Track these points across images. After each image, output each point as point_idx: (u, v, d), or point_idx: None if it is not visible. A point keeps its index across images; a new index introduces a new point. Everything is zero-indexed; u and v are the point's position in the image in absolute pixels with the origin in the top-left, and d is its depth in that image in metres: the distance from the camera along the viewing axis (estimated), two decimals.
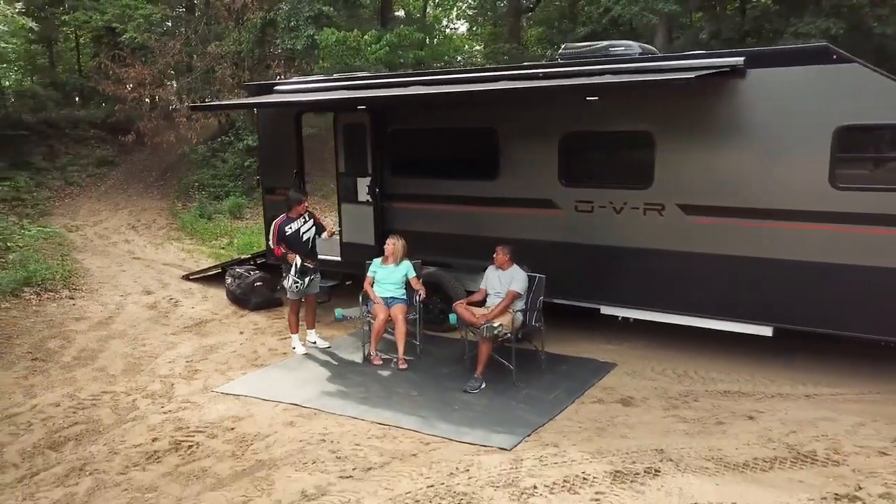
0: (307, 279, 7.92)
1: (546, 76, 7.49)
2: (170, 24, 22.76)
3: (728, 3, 27.81)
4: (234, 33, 18.73)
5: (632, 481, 4.84)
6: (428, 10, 45.85)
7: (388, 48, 17.29)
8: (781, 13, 24.20)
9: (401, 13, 42.68)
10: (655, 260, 7.29)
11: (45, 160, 21.90)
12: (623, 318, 7.72)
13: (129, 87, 18.53)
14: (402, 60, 18.93)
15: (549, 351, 7.65)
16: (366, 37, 16.97)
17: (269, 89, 9.86)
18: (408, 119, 8.82)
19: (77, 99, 27.92)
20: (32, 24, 10.71)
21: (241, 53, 18.59)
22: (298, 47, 17.81)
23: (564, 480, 4.87)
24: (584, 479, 4.88)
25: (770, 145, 6.60)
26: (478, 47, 42.66)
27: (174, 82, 21.87)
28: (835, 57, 6.23)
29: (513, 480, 4.90)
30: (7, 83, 26.31)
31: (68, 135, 23.76)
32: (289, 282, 7.88)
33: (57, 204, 19.38)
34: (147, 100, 20.91)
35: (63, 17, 21.66)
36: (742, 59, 6.56)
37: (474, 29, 45.60)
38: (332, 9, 18.48)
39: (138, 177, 21.91)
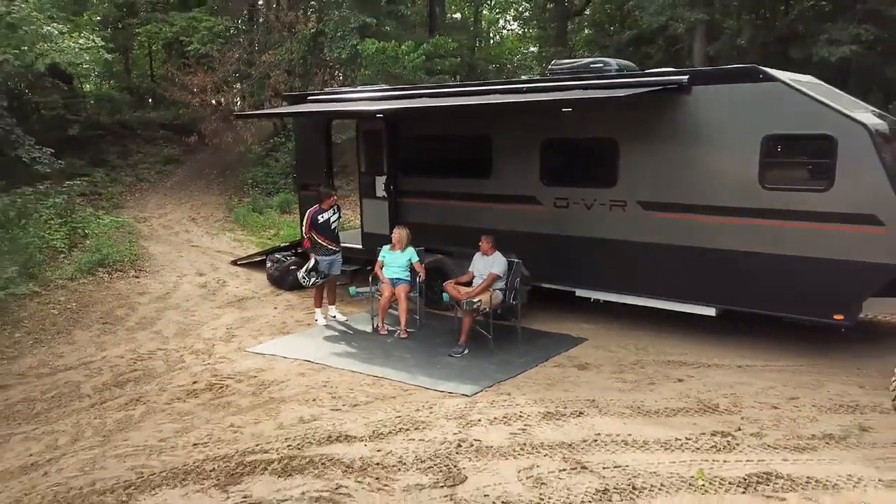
0: (313, 279, 9.36)
1: (529, 90, 8.74)
2: (234, 30, 24.67)
3: (776, 5, 28.18)
4: (287, 43, 20.44)
5: (557, 419, 6.08)
6: (484, 11, 47.22)
7: (424, 56, 18.68)
8: (820, 18, 24.64)
9: (458, 15, 44.18)
10: (619, 249, 8.46)
11: (119, 158, 24.16)
12: (595, 299, 8.91)
13: (194, 91, 20.41)
14: (439, 68, 20.34)
15: (531, 327, 8.93)
16: (403, 46, 18.39)
17: (303, 99, 11.38)
18: (417, 127, 10.17)
19: (150, 100, 30.31)
20: (108, 56, 12.23)
21: (293, 62, 20.29)
22: (343, 56, 19.39)
23: (504, 417, 6.15)
24: (520, 416, 6.15)
25: (711, 150, 7.70)
26: (533, 48, 43.75)
27: (239, 84, 23.75)
28: (761, 76, 7.30)
29: (463, 415, 6.21)
30: (87, 87, 28.85)
31: (140, 135, 26.02)
32: (300, 274, 9.41)
33: (128, 198, 21.46)
34: (214, 101, 22.83)
35: (137, 30, 23.83)
36: (686, 77, 7.69)
37: (524, 31, 46.73)
38: (375, 21, 19.98)
39: (200, 174, 23.90)
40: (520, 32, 47.69)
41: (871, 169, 6.81)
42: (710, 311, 8.02)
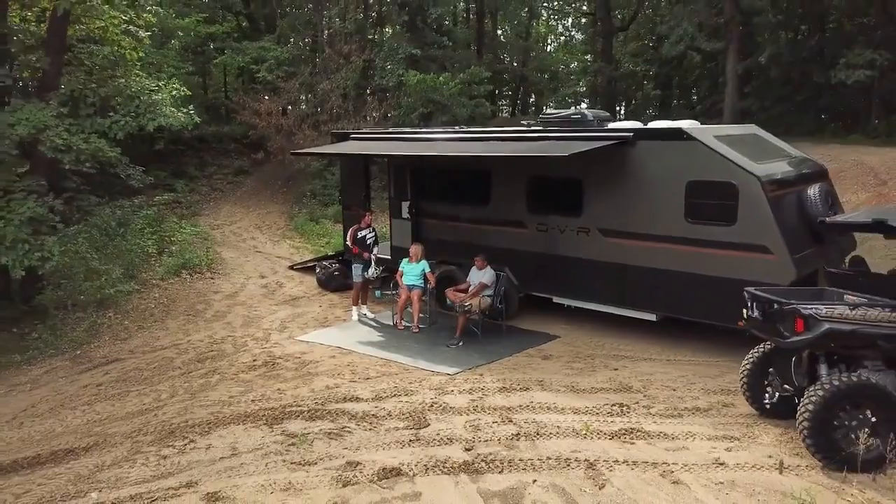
0: (370, 271, 11.89)
1: (517, 139, 11.05)
2: (300, 51, 27.44)
3: (803, 26, 29.49)
4: (343, 72, 23.17)
5: (507, 392, 8.39)
6: (542, 17, 49.35)
7: (461, 85, 21.10)
8: (840, 42, 25.99)
9: (515, 21, 46.45)
10: (584, 265, 10.66)
11: (196, 170, 27.42)
12: (567, 305, 11.14)
13: (261, 115, 23.33)
14: (475, 94, 22.72)
15: (519, 326, 11.22)
16: (440, 78, 20.85)
17: (346, 137, 13.95)
18: (433, 162, 12.53)
19: (224, 111, 33.58)
20: (197, 119, 14.20)
21: (347, 89, 23.01)
22: (390, 84, 21.98)
23: (470, 389, 8.50)
24: (481, 389, 8.49)
25: (651, 191, 9.83)
26: (587, 57, 45.61)
27: (304, 97, 26.47)
28: (685, 136, 9.43)
29: (442, 387, 8.59)
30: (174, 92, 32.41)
31: (215, 148, 29.30)
32: (371, 271, 11.89)
33: (204, 206, 24.57)
34: (282, 114, 25.66)
35: (214, 60, 27.03)
36: (632, 134, 9.87)
37: (572, 40, 48.61)
38: (420, 51, 22.51)
39: (266, 184, 26.90)
40: (567, 42, 49.68)
41: (762, 210, 8.85)
42: (652, 317, 10.17)
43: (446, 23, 34.24)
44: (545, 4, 47.61)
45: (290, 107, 24.99)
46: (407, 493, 5.82)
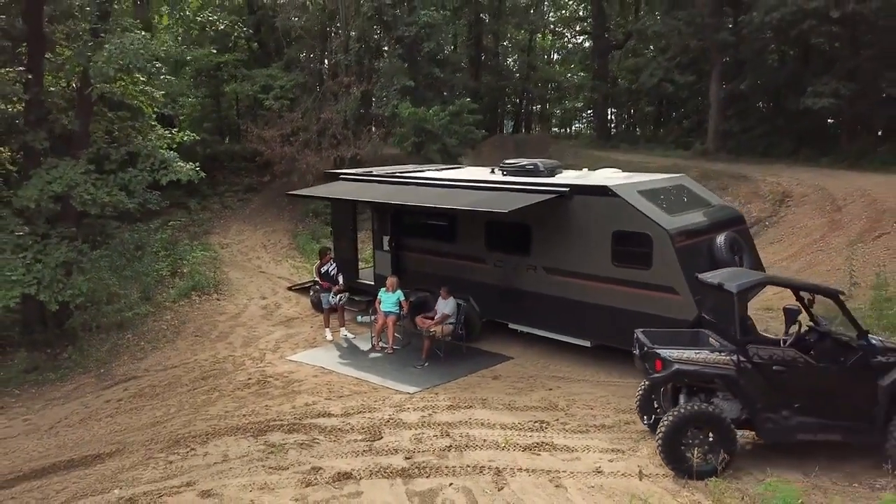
0: (331, 298, 13.72)
1: (476, 188, 12.83)
2: (305, 80, 29.40)
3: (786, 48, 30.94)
4: (342, 101, 25.02)
5: (453, 409, 10.14)
6: (546, 32, 50.99)
7: (449, 117, 22.88)
8: (811, 70, 27.52)
9: (520, 35, 48.14)
10: (532, 297, 12.41)
11: (208, 188, 29.28)
12: (520, 330, 12.90)
13: (267, 141, 25.22)
14: (466, 122, 24.48)
15: (480, 348, 12.98)
16: (430, 111, 22.64)
17: (336, 177, 15.79)
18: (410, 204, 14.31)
19: (235, 128, 35.53)
20: (203, 175, 16.14)
21: (346, 117, 24.86)
22: (386, 114, 23.81)
23: (423, 406, 10.26)
24: (433, 406, 10.24)
25: (585, 238, 11.56)
26: (585, 72, 47.24)
27: (310, 125, 28.35)
28: (610, 193, 11.15)
29: (400, 404, 10.36)
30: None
31: (226, 166, 31.18)
32: (326, 300, 13.75)
33: (215, 224, 26.47)
34: (286, 141, 27.60)
35: (225, 88, 29.01)
36: (568, 189, 11.61)
37: (572, 57, 50.21)
38: (413, 83, 24.32)
39: (273, 202, 28.76)
40: (568, 56, 51.31)
41: (669, 257, 10.57)
42: (587, 343, 11.91)
43: (450, 40, 35.99)
44: (548, 17, 49.31)
45: (293, 135, 26.86)
46: (352, 492, 7.62)
